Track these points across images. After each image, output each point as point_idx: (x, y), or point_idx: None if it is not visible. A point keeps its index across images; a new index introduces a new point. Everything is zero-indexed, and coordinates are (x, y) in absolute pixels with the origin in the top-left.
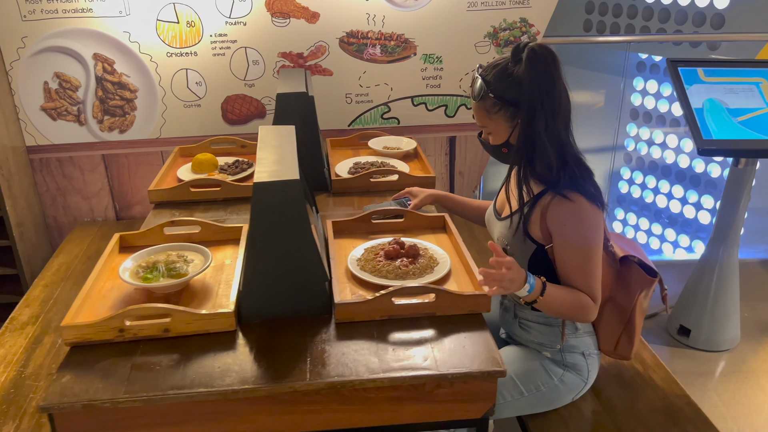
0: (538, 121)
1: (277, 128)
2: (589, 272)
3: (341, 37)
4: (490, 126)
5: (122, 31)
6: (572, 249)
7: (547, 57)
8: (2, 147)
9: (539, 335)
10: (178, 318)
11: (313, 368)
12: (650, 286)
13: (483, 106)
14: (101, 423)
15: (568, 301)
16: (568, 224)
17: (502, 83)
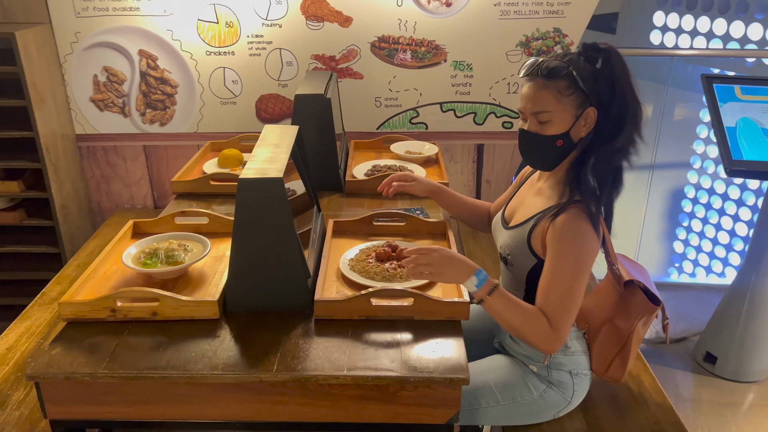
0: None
1: (280, 127)
2: (563, 298)
3: (373, 42)
4: (555, 111)
5: (165, 30)
6: (560, 271)
7: (621, 56)
8: (52, 134)
9: (528, 348)
10: (165, 303)
11: (282, 361)
12: (651, 313)
13: (553, 87)
14: (81, 395)
15: (518, 314)
16: (564, 243)
17: (581, 67)
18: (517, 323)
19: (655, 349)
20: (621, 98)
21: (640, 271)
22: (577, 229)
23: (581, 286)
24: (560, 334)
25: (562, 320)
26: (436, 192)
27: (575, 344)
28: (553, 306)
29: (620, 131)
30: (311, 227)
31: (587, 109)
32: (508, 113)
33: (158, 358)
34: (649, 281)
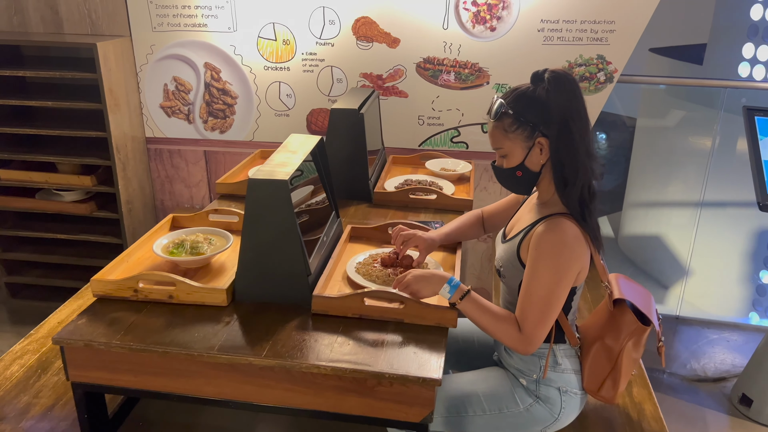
0: (573, 135)
1: (304, 137)
2: (534, 304)
3: (418, 63)
4: (506, 146)
5: (229, 45)
6: (537, 279)
7: (570, 79)
8: (123, 135)
9: (519, 362)
10: (181, 288)
11: (272, 348)
12: (641, 334)
13: (500, 126)
14: (97, 361)
15: (488, 317)
16: (544, 252)
17: (521, 103)
18: (488, 325)
19: (690, 386)
20: (563, 121)
21: (639, 293)
22: (554, 238)
23: (556, 294)
24: (530, 338)
25: (532, 325)
26: (443, 238)
27: (566, 362)
28: (524, 310)
29: (573, 152)
30: (324, 229)
31: (537, 139)
32: None
33: (165, 336)
34: (647, 304)
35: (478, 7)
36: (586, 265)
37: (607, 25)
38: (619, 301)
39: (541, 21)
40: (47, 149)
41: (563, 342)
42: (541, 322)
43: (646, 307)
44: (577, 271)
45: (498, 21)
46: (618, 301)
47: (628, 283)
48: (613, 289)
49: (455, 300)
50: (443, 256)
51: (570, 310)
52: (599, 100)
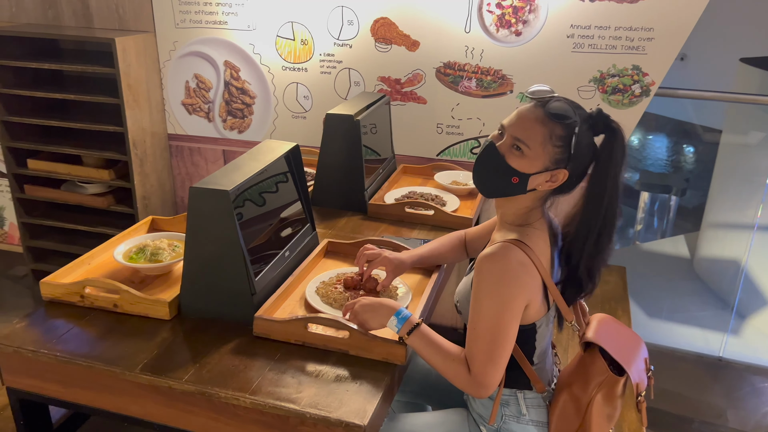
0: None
1: (277, 143)
2: (480, 341)
3: (438, 68)
4: (535, 151)
5: (248, 43)
6: (480, 315)
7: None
8: (141, 130)
9: (480, 406)
10: (124, 297)
11: (197, 372)
12: (612, 385)
13: (549, 128)
14: (27, 369)
15: (438, 355)
16: (483, 281)
17: (583, 128)
18: (438, 364)
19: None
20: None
21: (621, 338)
22: (495, 266)
23: (500, 327)
24: (480, 379)
25: (480, 364)
26: (418, 260)
27: (531, 412)
28: (470, 348)
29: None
30: (290, 243)
31: (561, 170)
32: None
33: (96, 348)
34: (628, 352)
35: (503, 9)
36: (535, 298)
37: (645, 33)
38: (591, 345)
39: (571, 26)
40: (74, 142)
41: (529, 389)
42: (491, 360)
43: (623, 354)
44: (525, 303)
45: (524, 25)
46: (590, 344)
47: (612, 325)
48: (587, 330)
49: (403, 334)
50: (419, 279)
51: (534, 352)
52: (633, 115)
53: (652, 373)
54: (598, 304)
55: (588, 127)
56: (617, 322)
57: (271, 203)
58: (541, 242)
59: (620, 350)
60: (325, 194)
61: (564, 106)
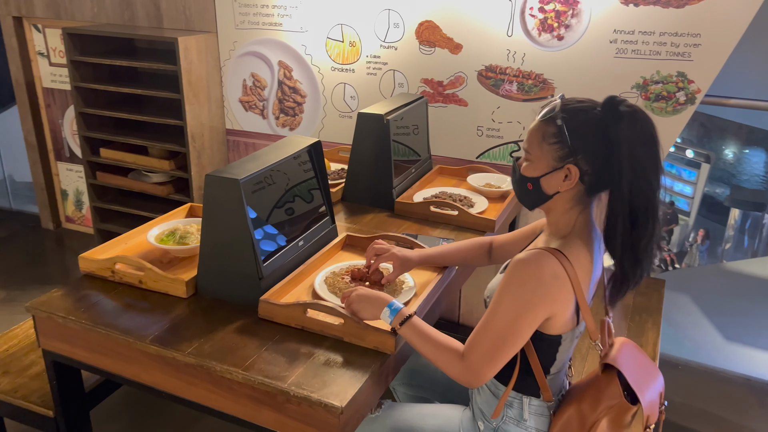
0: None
1: (300, 138)
2: (483, 333)
3: (480, 71)
4: (534, 154)
5: (300, 45)
6: (492, 304)
7: (651, 125)
8: (200, 125)
9: (483, 402)
10: (148, 274)
11: (200, 346)
12: (622, 412)
13: (542, 129)
14: (59, 333)
15: (430, 345)
16: (512, 281)
17: (578, 120)
18: (429, 353)
19: None
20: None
21: (642, 368)
22: (527, 270)
23: (513, 329)
24: (473, 368)
25: (479, 355)
26: (424, 261)
27: (532, 419)
28: (474, 338)
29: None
30: (306, 233)
31: (567, 165)
32: None
33: (117, 318)
34: (645, 383)
35: (546, 14)
36: (564, 312)
37: (691, 39)
38: (610, 367)
39: (614, 31)
40: (142, 133)
41: (536, 396)
42: (489, 354)
43: (640, 384)
44: (547, 315)
45: (566, 29)
46: (608, 366)
47: (634, 352)
48: (609, 351)
49: (395, 325)
50: (429, 276)
51: (553, 363)
52: (677, 124)
53: (665, 408)
54: (629, 315)
55: (594, 117)
56: (639, 349)
57: (288, 194)
58: (583, 255)
59: (638, 379)
60: (356, 190)
61: (552, 105)
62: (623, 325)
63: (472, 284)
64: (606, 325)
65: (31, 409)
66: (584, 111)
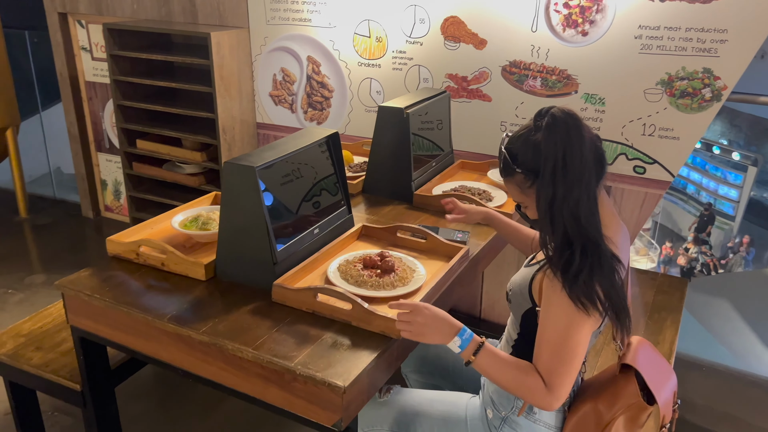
0: (555, 189)
1: (318, 129)
2: (558, 355)
3: (504, 66)
4: (526, 201)
5: (329, 40)
6: (551, 325)
7: (567, 121)
8: (231, 118)
9: (494, 391)
10: (170, 257)
11: (215, 325)
12: (638, 412)
13: (514, 182)
14: (85, 311)
15: (509, 373)
16: (554, 301)
17: (527, 154)
18: (508, 382)
19: None
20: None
21: (658, 368)
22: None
23: (575, 341)
24: (557, 392)
25: (557, 377)
26: (490, 219)
27: (544, 414)
28: (546, 362)
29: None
30: (322, 221)
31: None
32: (641, 157)
33: (139, 298)
34: (661, 384)
35: (570, 9)
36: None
37: (718, 35)
38: (628, 367)
39: (639, 27)
40: (177, 126)
41: None
42: (567, 373)
43: (657, 385)
44: (594, 327)
45: (591, 25)
46: (627, 366)
47: (651, 353)
48: (627, 352)
49: (468, 356)
50: (441, 266)
51: None
52: (702, 121)
53: (678, 407)
54: (648, 312)
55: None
56: (654, 349)
57: (305, 183)
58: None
59: (654, 379)
60: (376, 183)
61: (504, 160)
62: (641, 322)
63: (495, 279)
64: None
65: (60, 383)
66: (524, 141)
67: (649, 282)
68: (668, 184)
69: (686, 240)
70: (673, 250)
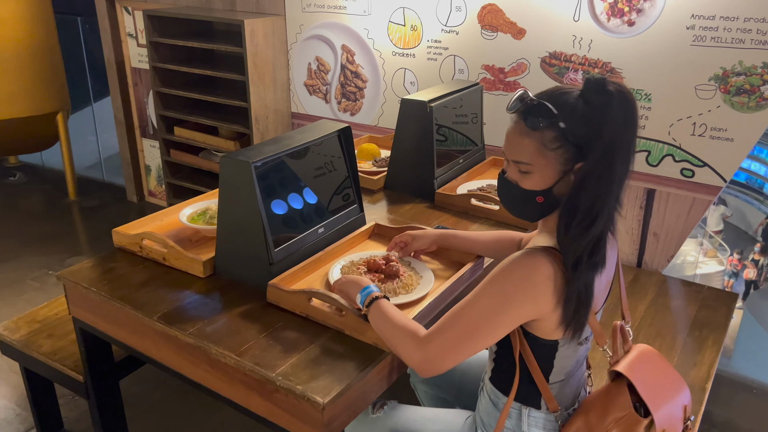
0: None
1: (329, 123)
2: (448, 319)
3: (543, 57)
4: (538, 165)
5: (363, 28)
6: (475, 293)
7: (635, 102)
8: (264, 107)
9: (483, 410)
10: (171, 252)
11: (203, 327)
12: (631, 424)
13: (539, 138)
14: (83, 302)
15: (391, 327)
16: (500, 274)
17: (575, 116)
18: (389, 336)
19: None
20: (609, 150)
21: (659, 377)
22: (519, 267)
23: (485, 320)
24: (430, 356)
25: (439, 343)
26: (442, 240)
27: (531, 429)
28: (442, 324)
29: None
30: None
31: (577, 165)
32: (689, 159)
33: (135, 292)
34: (661, 395)
35: None
36: (553, 315)
37: None
38: (621, 376)
39: (692, 16)
40: (214, 114)
41: (537, 407)
42: (453, 344)
43: (655, 395)
44: (530, 316)
45: (638, 14)
46: (620, 375)
47: (654, 361)
48: (622, 359)
49: (364, 308)
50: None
51: (551, 371)
52: (761, 121)
53: (692, 423)
54: (688, 329)
55: (582, 104)
56: (662, 359)
57: (309, 179)
58: None
59: (652, 390)
60: (397, 179)
61: (540, 108)
62: (678, 339)
63: None
64: (618, 330)
65: (65, 372)
66: (574, 104)
67: (693, 295)
68: (719, 189)
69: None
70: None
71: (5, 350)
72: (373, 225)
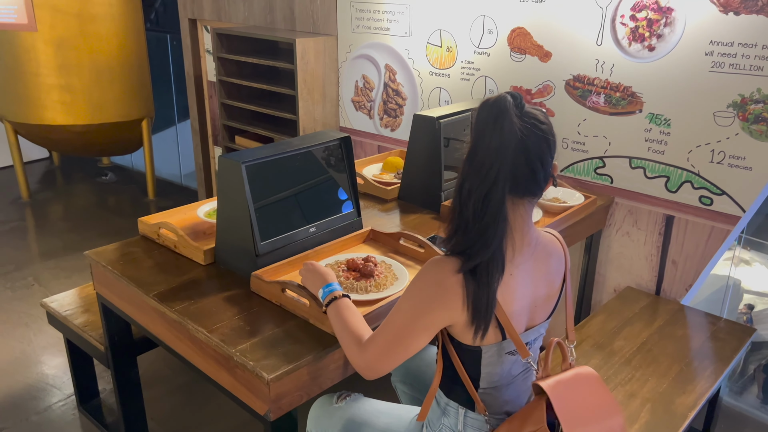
0: (463, 179)
1: (332, 132)
2: (388, 328)
3: (568, 80)
4: None
5: (404, 49)
6: (399, 301)
7: (491, 109)
8: (312, 120)
9: (433, 411)
10: (181, 241)
11: (188, 306)
12: None
13: None
14: (103, 279)
15: (343, 329)
16: (416, 280)
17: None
18: (340, 338)
19: None
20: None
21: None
22: (430, 274)
23: (411, 329)
24: (368, 360)
25: (375, 349)
26: None
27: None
28: (378, 334)
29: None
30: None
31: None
32: (708, 186)
33: (141, 274)
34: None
35: (637, 22)
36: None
37: None
38: (539, 389)
39: (710, 42)
40: (272, 126)
41: (472, 409)
42: (386, 350)
43: (574, 417)
44: (446, 321)
45: (658, 39)
46: (541, 390)
47: (589, 383)
48: (549, 375)
49: (324, 306)
50: None
51: (480, 377)
52: None
53: None
54: (689, 357)
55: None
56: (600, 384)
57: (303, 183)
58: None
59: (573, 411)
60: (409, 190)
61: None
62: (674, 367)
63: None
64: (552, 346)
65: (91, 342)
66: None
67: (707, 326)
68: (737, 219)
69: None
70: None
71: (52, 321)
72: (369, 230)
